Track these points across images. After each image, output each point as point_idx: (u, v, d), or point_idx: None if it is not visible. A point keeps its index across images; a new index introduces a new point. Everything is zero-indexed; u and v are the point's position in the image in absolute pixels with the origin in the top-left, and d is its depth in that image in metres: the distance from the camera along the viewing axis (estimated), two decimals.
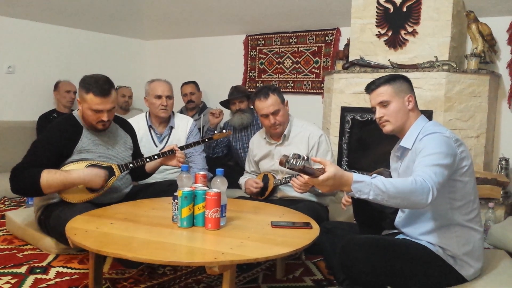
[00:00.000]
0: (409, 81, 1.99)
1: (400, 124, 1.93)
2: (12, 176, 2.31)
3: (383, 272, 1.73)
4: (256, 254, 1.65)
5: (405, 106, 1.92)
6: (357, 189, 1.57)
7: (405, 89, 1.94)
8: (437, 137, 1.75)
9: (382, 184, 1.56)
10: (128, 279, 2.25)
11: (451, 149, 1.73)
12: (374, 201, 1.59)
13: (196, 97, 4.62)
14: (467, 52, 3.75)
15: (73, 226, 1.91)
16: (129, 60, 5.75)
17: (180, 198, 1.90)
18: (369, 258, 1.71)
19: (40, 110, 4.59)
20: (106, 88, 2.39)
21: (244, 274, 2.34)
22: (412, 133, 1.89)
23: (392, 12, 3.71)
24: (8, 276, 2.23)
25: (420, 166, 1.68)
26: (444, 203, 1.77)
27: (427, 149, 1.72)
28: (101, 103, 2.38)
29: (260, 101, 2.72)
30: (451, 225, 1.79)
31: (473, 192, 1.82)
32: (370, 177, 1.61)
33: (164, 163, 2.73)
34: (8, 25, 4.57)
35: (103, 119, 2.42)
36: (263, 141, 2.93)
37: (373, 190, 1.56)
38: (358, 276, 1.74)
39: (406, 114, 1.92)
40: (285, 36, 4.89)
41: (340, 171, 1.57)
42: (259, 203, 2.62)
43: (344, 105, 3.85)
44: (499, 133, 3.77)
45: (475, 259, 1.81)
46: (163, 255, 1.62)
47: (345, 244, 1.77)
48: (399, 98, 1.92)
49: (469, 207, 1.80)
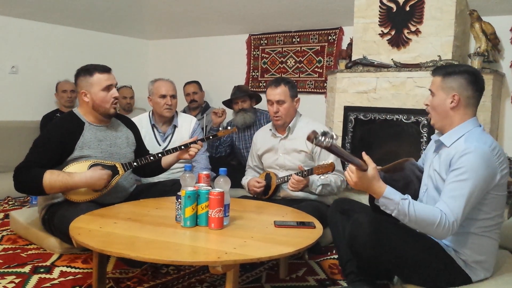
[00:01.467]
0: (469, 77, 1.82)
1: (439, 120, 1.86)
2: (15, 175, 2.32)
3: (387, 251, 1.74)
4: (259, 253, 1.65)
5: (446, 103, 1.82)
6: (384, 203, 1.69)
7: (455, 86, 1.81)
8: (477, 158, 1.66)
9: (407, 209, 1.65)
10: (131, 278, 2.25)
11: (490, 171, 1.68)
12: (397, 218, 1.70)
13: (199, 97, 4.62)
14: (470, 51, 3.74)
15: (77, 226, 1.92)
16: (132, 59, 5.75)
17: (184, 197, 1.90)
18: (377, 234, 1.73)
19: (43, 110, 4.60)
20: (105, 66, 2.52)
21: (247, 273, 2.34)
22: (457, 131, 1.80)
23: (395, 11, 3.70)
24: (12, 275, 2.23)
25: (449, 193, 1.68)
26: (471, 214, 1.73)
27: (462, 171, 1.67)
28: (108, 79, 2.49)
29: (271, 88, 2.82)
30: (470, 233, 1.76)
31: (502, 205, 1.78)
32: (400, 195, 1.67)
33: (180, 157, 2.70)
34: (12, 25, 4.58)
35: (115, 95, 2.50)
36: (269, 134, 2.95)
37: (397, 209, 1.66)
38: (362, 250, 1.76)
39: (445, 110, 1.82)
40: (288, 36, 4.89)
41: (376, 179, 1.68)
42: (262, 202, 2.62)
43: (347, 105, 3.84)
44: (502, 132, 3.76)
45: (486, 269, 1.79)
46: (166, 255, 1.62)
47: (356, 217, 1.78)
48: (444, 94, 1.83)
49: (495, 220, 1.78)
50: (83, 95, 2.48)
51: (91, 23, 5.06)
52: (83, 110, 2.54)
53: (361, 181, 1.67)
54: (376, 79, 3.67)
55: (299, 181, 2.60)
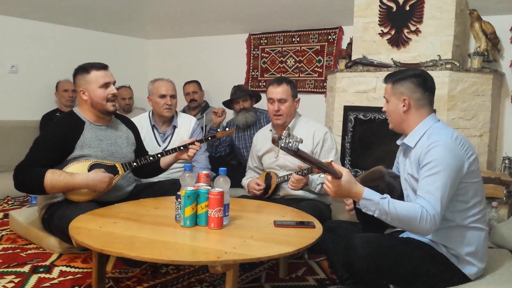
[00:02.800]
0: (416, 80, 1.91)
1: (397, 124, 1.96)
2: (15, 174, 2.31)
3: (386, 270, 1.74)
4: (259, 253, 1.65)
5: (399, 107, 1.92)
6: (364, 205, 1.72)
7: (404, 90, 1.90)
8: (442, 150, 1.72)
9: (387, 207, 1.67)
10: (131, 278, 2.25)
11: (457, 160, 1.72)
12: (380, 218, 1.71)
13: (199, 96, 4.62)
14: (470, 51, 3.74)
15: (76, 225, 1.92)
16: (131, 59, 5.75)
17: (183, 197, 1.90)
18: (372, 256, 1.71)
19: (43, 109, 4.60)
20: (102, 63, 2.52)
21: (247, 273, 2.34)
22: (417, 131, 1.88)
23: (395, 11, 3.70)
24: (12, 275, 2.23)
25: (424, 188, 1.71)
26: (451, 206, 1.76)
27: (432, 165, 1.72)
28: (105, 76, 2.49)
29: (272, 86, 2.83)
30: (456, 226, 1.78)
31: (480, 192, 1.82)
32: (379, 196, 1.70)
33: (178, 157, 2.71)
34: (12, 24, 4.58)
35: (113, 92, 2.50)
36: (269, 134, 2.95)
37: (378, 209, 1.69)
38: (361, 274, 1.74)
39: (400, 115, 1.92)
40: (288, 35, 4.89)
41: (353, 183, 1.70)
42: (261, 202, 2.62)
43: (347, 104, 3.84)
44: (502, 132, 3.76)
45: (479, 259, 1.80)
46: (166, 254, 1.62)
47: (348, 242, 1.77)
48: (395, 99, 1.93)
49: (476, 207, 1.80)
50: (82, 93, 2.48)
51: (90, 22, 5.05)
52: (83, 109, 2.54)
53: (340, 189, 1.70)
54: (376, 78, 3.67)
55: (298, 180, 2.62)
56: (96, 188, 2.35)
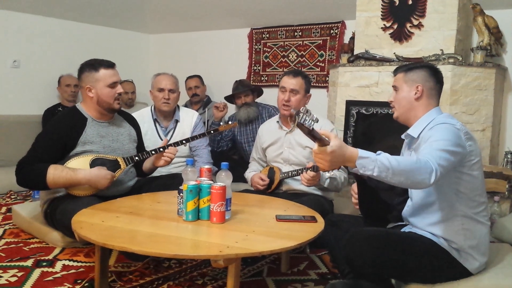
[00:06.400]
0: (429, 70, 1.96)
1: (403, 112, 1.97)
2: (18, 170, 2.32)
3: (387, 265, 1.74)
4: (261, 247, 1.65)
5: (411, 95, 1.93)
6: (362, 165, 1.55)
7: (418, 78, 1.93)
8: (447, 127, 1.75)
9: (387, 160, 1.55)
10: (133, 272, 2.26)
11: (460, 141, 1.73)
12: (378, 178, 1.57)
13: (201, 91, 4.62)
14: (473, 45, 3.73)
15: (79, 220, 1.92)
16: (133, 54, 5.74)
17: (185, 191, 1.91)
18: (374, 251, 1.71)
19: (45, 104, 4.60)
20: (110, 61, 2.52)
21: (249, 267, 2.35)
22: (422, 122, 1.89)
23: (397, 5, 3.68)
24: (15, 269, 2.24)
25: (426, 149, 1.68)
26: (452, 194, 1.77)
27: (435, 136, 1.73)
28: (113, 75, 2.50)
29: (288, 77, 2.84)
30: (458, 216, 1.78)
31: (481, 187, 1.81)
32: (375, 153, 1.59)
33: (156, 165, 2.64)
34: (13, 19, 4.57)
35: (120, 91, 2.51)
36: (275, 126, 2.95)
37: (377, 166, 1.54)
38: (362, 269, 1.75)
39: (410, 101, 1.93)
40: (290, 30, 4.87)
41: (344, 146, 1.56)
42: (264, 196, 2.63)
43: (349, 99, 3.84)
44: (505, 127, 3.75)
45: (481, 253, 1.80)
46: (168, 248, 1.63)
47: (350, 236, 1.77)
48: (407, 87, 1.94)
49: (476, 200, 1.80)
50: (88, 90, 2.48)
51: (92, 17, 5.04)
52: (86, 105, 2.54)
53: (333, 156, 1.54)
54: (378, 73, 3.66)
55: (314, 176, 2.59)
56: (98, 185, 2.36)
